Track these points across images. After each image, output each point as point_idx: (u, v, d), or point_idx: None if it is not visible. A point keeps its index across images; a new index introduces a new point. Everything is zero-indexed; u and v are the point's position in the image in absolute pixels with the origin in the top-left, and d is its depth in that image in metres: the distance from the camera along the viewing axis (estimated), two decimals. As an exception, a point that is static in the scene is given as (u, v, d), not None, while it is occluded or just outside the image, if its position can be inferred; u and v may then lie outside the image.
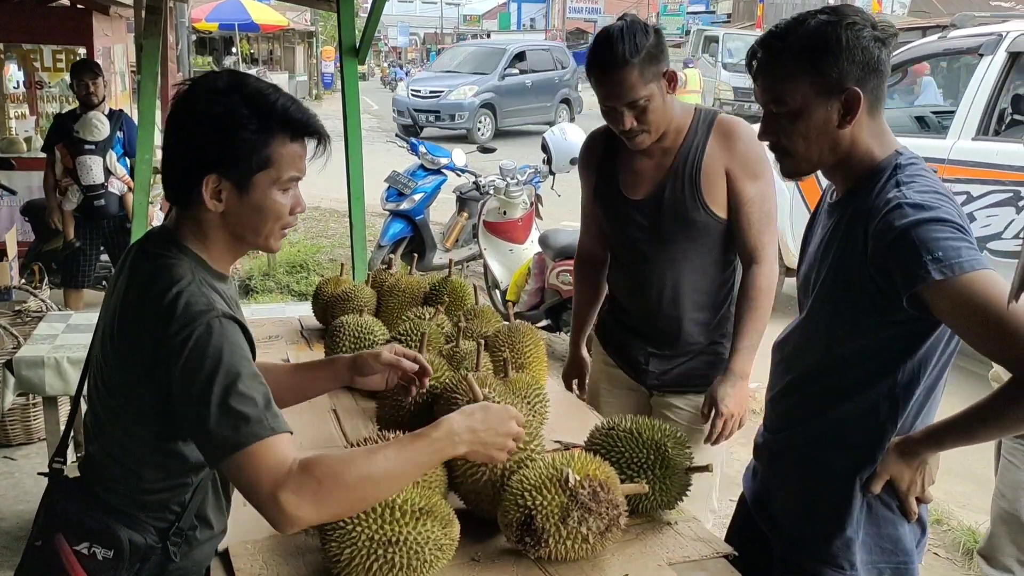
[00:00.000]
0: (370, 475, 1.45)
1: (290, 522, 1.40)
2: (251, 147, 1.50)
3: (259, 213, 1.55)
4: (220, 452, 1.42)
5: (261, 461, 1.40)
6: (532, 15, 54.68)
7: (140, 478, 1.59)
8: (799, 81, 1.65)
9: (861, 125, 1.67)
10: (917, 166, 1.68)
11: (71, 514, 1.61)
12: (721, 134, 2.40)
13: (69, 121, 5.66)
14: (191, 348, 1.43)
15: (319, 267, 7.95)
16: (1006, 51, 5.46)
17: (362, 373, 1.89)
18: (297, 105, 1.55)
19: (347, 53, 4.76)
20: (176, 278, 1.50)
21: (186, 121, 1.54)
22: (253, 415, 1.42)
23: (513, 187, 6.38)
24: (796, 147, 1.70)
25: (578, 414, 2.45)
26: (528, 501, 1.62)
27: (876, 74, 1.65)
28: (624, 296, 2.65)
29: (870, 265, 1.62)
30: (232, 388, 1.42)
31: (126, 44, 8.99)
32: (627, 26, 2.28)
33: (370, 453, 1.50)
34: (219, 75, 1.55)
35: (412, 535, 1.54)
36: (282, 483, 1.39)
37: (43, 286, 5.44)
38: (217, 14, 23.10)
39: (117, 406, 1.57)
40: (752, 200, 2.39)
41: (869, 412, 1.73)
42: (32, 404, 4.42)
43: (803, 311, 1.87)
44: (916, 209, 1.56)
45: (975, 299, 1.49)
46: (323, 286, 3.05)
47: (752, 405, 5.65)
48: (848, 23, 1.62)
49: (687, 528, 1.85)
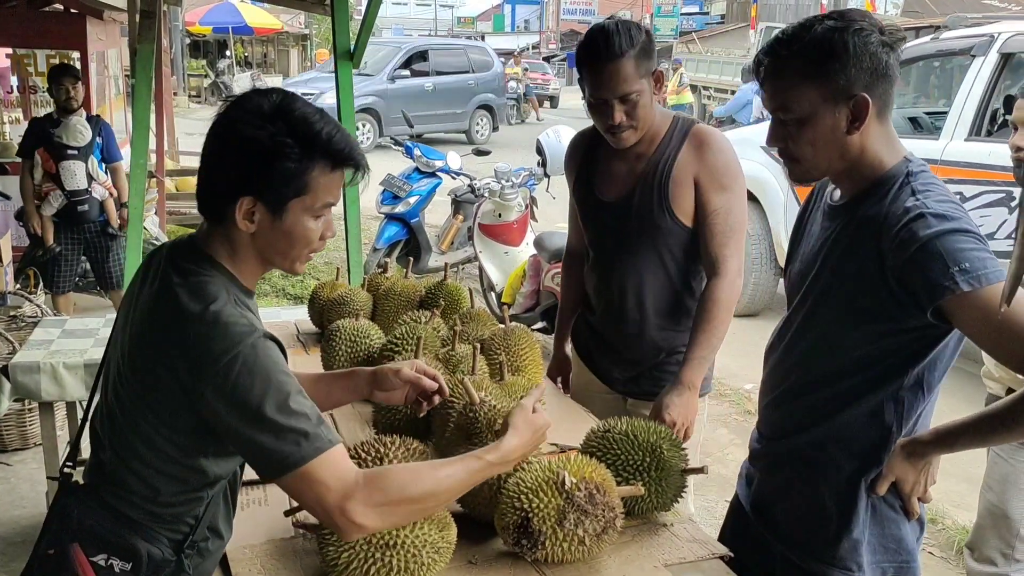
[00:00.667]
0: (434, 491, 1.51)
1: (359, 531, 1.47)
2: (291, 175, 1.49)
3: (289, 238, 1.55)
4: (283, 469, 1.44)
5: (327, 473, 1.44)
6: (526, 17, 54.69)
7: (157, 491, 1.57)
8: (806, 88, 1.64)
9: (870, 131, 1.66)
10: (928, 174, 1.68)
11: (87, 524, 1.59)
12: (695, 143, 2.41)
13: (47, 125, 5.60)
14: (239, 370, 1.43)
15: (314, 270, 7.94)
16: (998, 52, 5.47)
17: (382, 388, 1.89)
18: (342, 134, 1.54)
19: (342, 57, 4.76)
20: (212, 297, 1.49)
21: (228, 141, 1.51)
22: (311, 431, 1.45)
23: (508, 189, 6.39)
24: (804, 154, 1.70)
25: (574, 417, 2.46)
26: (524, 504, 1.63)
27: (884, 79, 1.64)
28: (593, 297, 2.68)
29: (889, 274, 1.61)
30: (285, 406, 1.44)
31: (120, 48, 8.97)
32: (621, 22, 2.31)
33: (434, 469, 1.55)
34: (266, 96, 1.52)
35: (409, 538, 1.55)
36: (351, 494, 1.44)
37: (38, 291, 5.43)
38: (211, 17, 23.12)
39: (140, 418, 1.54)
40: (717, 211, 2.38)
41: (876, 415, 1.73)
42: (28, 409, 4.41)
43: (795, 312, 1.86)
44: (940, 219, 1.56)
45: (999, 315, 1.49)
46: (319, 290, 3.06)
47: (747, 406, 5.66)
48: (855, 29, 1.61)
49: (683, 530, 1.86)
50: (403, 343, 2.33)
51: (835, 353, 1.76)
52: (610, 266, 2.54)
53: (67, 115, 5.57)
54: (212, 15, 23.46)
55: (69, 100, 5.54)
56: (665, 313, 2.52)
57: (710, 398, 5.88)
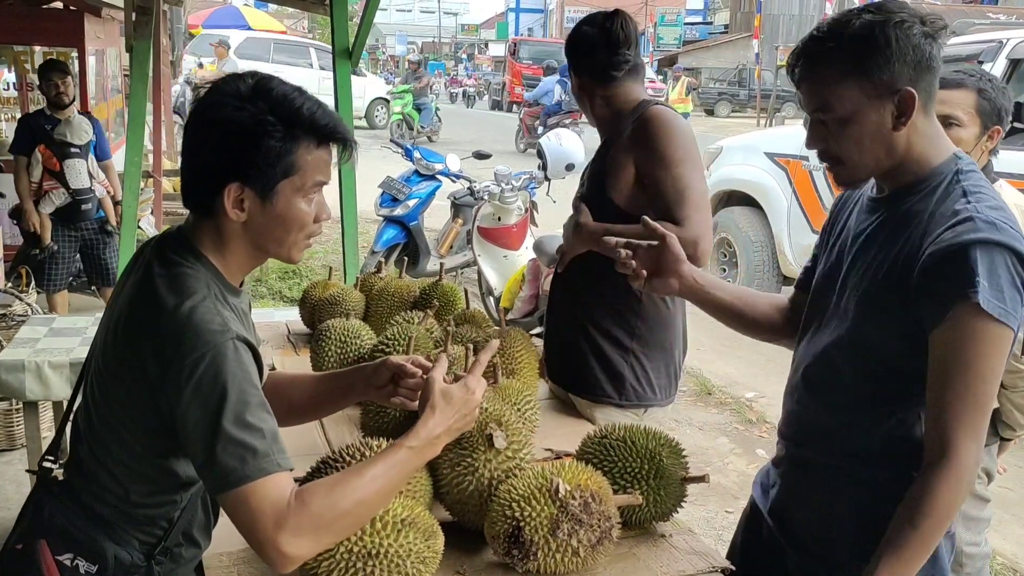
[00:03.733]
0: (364, 498, 1.42)
1: (291, 563, 1.36)
2: (276, 155, 1.45)
3: (283, 222, 1.50)
4: (223, 483, 1.36)
5: (264, 498, 1.34)
6: (530, 24, 54.91)
7: (128, 490, 1.54)
8: (848, 85, 1.56)
9: (916, 126, 1.59)
10: (977, 175, 1.62)
11: (57, 521, 1.56)
12: (637, 125, 2.36)
13: (42, 121, 5.55)
14: (203, 373, 1.38)
15: (312, 273, 7.89)
16: (1007, 58, 5.42)
17: (376, 383, 1.81)
18: (323, 109, 1.50)
19: (340, 55, 4.71)
20: (190, 292, 1.44)
21: (209, 127, 1.47)
22: (261, 448, 1.37)
23: (508, 193, 6.33)
24: (849, 154, 1.62)
25: (570, 421, 2.40)
26: (516, 512, 1.57)
27: (928, 71, 1.56)
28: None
29: (918, 270, 1.54)
30: (242, 418, 1.37)
31: (119, 47, 8.95)
32: (601, 14, 2.44)
33: (358, 475, 1.43)
34: (242, 78, 1.49)
35: (393, 547, 1.48)
36: (282, 523, 1.34)
37: (29, 290, 5.38)
38: (214, 20, 23.21)
39: (111, 413, 1.51)
40: (661, 181, 2.28)
41: (904, 424, 1.65)
42: (15, 409, 4.35)
43: (820, 309, 1.78)
44: (989, 227, 1.50)
45: (977, 348, 1.47)
46: (311, 290, 3.00)
47: (749, 415, 5.58)
48: (897, 21, 1.53)
49: (682, 541, 1.80)
50: (394, 343, 2.25)
51: (859, 352, 1.67)
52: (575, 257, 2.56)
53: (59, 111, 5.53)
54: (215, 18, 23.54)
55: (59, 96, 5.50)
56: (596, 304, 2.47)
57: (710, 406, 5.82)
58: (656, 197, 2.28)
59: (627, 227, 2.20)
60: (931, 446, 1.52)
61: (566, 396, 2.56)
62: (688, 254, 1.92)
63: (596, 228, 2.33)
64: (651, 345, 2.45)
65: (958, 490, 1.49)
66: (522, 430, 1.80)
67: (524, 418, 1.98)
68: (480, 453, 1.69)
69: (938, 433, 1.50)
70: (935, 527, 1.50)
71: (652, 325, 2.44)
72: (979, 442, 1.50)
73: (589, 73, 2.45)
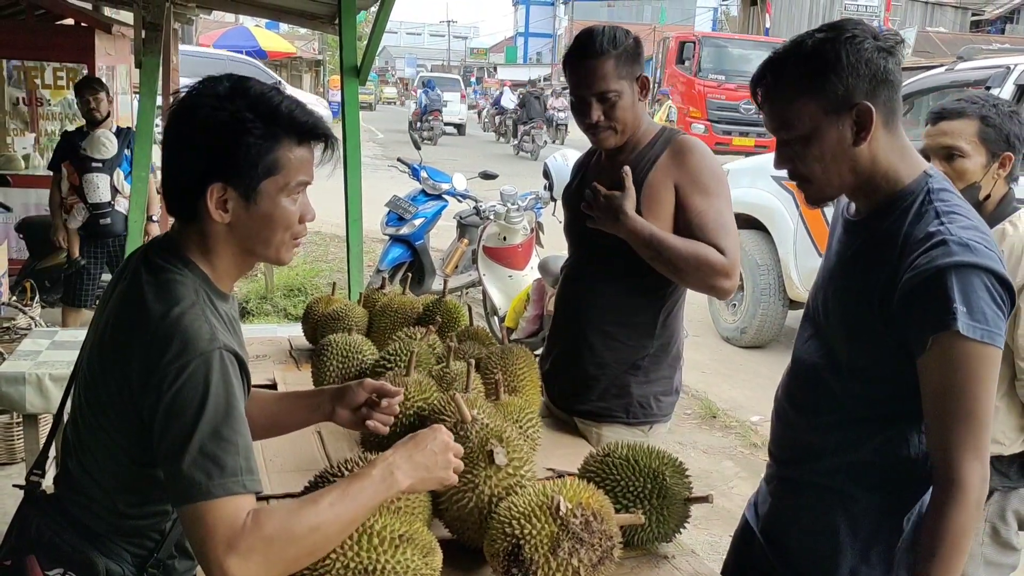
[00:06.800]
0: (318, 525, 1.36)
1: None
2: (257, 153, 1.43)
3: (268, 222, 1.48)
4: (186, 496, 1.33)
5: (220, 518, 1.31)
6: (539, 49, 55.15)
7: (117, 501, 1.52)
8: (805, 103, 1.59)
9: (879, 141, 1.60)
10: (949, 191, 1.61)
11: (45, 535, 1.54)
12: (675, 150, 2.35)
13: (76, 138, 5.63)
14: (186, 379, 1.36)
15: (317, 291, 7.87)
16: (1014, 83, 5.41)
17: (346, 403, 1.78)
18: (302, 108, 1.49)
19: (348, 73, 4.71)
20: (178, 298, 1.42)
21: (188, 129, 1.46)
22: (230, 465, 1.34)
23: (514, 213, 6.32)
24: (814, 172, 1.64)
25: (572, 440, 2.37)
26: (516, 530, 1.53)
27: (886, 85, 1.58)
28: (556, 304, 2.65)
29: (897, 295, 1.54)
30: (217, 431, 1.35)
31: (130, 64, 8.99)
32: (609, 26, 2.34)
33: (314, 502, 1.39)
34: (219, 80, 1.48)
35: (390, 564, 1.45)
36: (233, 545, 1.29)
37: (34, 303, 5.38)
38: (225, 41, 23.35)
39: (97, 422, 1.49)
40: (704, 211, 2.29)
41: (892, 444, 1.65)
42: (16, 423, 4.32)
43: (809, 329, 1.79)
44: (962, 249, 1.49)
45: (967, 373, 1.47)
46: (314, 305, 2.98)
47: (753, 439, 5.53)
48: (847, 37, 1.57)
49: (685, 562, 1.76)
50: (396, 359, 2.23)
51: (847, 373, 1.68)
52: (576, 274, 2.52)
53: (93, 127, 5.58)
54: (226, 39, 23.69)
55: (91, 112, 5.56)
56: (616, 324, 2.42)
57: (715, 429, 5.77)
58: (697, 226, 2.29)
59: (674, 237, 2.25)
60: (937, 472, 1.51)
61: (568, 418, 2.53)
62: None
63: (641, 228, 2.26)
64: (658, 362, 2.44)
65: (969, 511, 1.48)
66: (523, 447, 1.77)
67: (526, 435, 1.95)
68: (480, 469, 1.66)
69: (942, 458, 1.50)
70: (954, 552, 1.49)
71: (658, 342, 2.42)
72: (983, 460, 1.49)
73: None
